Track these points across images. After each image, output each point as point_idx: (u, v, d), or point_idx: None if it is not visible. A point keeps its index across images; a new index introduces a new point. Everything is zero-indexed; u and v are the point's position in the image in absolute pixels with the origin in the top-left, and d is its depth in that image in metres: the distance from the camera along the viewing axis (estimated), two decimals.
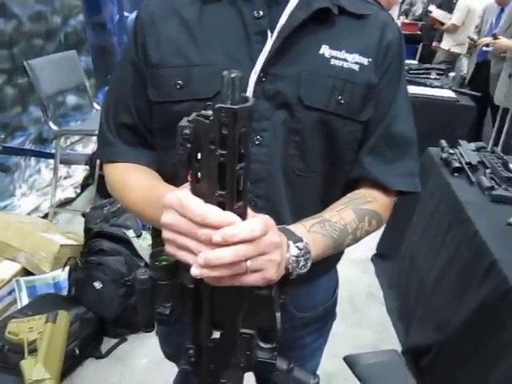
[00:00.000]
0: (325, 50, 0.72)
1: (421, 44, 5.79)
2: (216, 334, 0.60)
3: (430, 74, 4.12)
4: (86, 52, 3.21)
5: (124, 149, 0.80)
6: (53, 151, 2.81)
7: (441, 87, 3.75)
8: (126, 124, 0.80)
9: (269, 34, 0.70)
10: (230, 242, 0.49)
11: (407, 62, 4.50)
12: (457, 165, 2.07)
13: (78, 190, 3.16)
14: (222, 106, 0.46)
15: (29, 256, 2.16)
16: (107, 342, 2.01)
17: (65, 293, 2.06)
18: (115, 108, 0.81)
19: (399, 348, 2.07)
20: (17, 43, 2.58)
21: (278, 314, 0.60)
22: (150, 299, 0.59)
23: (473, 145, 2.30)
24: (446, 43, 4.94)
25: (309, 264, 0.63)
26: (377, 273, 2.62)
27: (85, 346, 1.87)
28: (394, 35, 0.77)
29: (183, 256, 0.52)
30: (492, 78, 3.47)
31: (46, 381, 0.83)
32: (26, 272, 2.19)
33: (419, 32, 6.02)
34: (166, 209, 0.53)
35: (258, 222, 0.51)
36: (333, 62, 0.72)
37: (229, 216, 0.49)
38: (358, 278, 2.57)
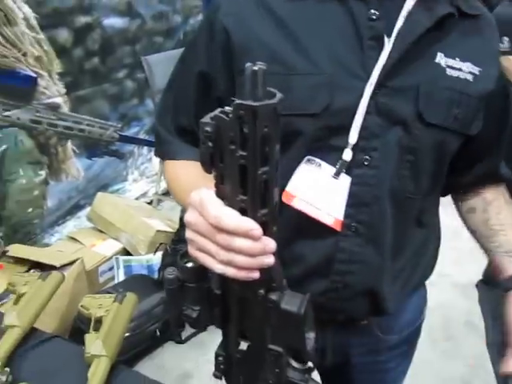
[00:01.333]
0: (440, 59, 0.64)
1: None
2: (244, 346, 0.57)
3: None
4: None
5: (183, 147, 0.77)
6: None
7: None
8: (184, 127, 0.76)
9: (386, 39, 0.62)
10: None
11: None
12: None
13: None
14: (241, 102, 0.41)
15: (129, 237, 2.34)
16: (188, 329, 2.09)
17: (156, 276, 2.19)
18: (174, 110, 0.77)
19: None
20: (139, 40, 2.80)
21: (312, 334, 0.55)
22: (178, 300, 0.58)
23: None
24: None
25: None
26: (480, 300, 2.35)
27: (166, 329, 1.96)
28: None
29: (202, 258, 0.49)
30: None
31: (102, 357, 0.87)
32: (126, 252, 2.37)
33: None
34: (190, 207, 0.50)
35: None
36: (449, 71, 0.65)
37: (246, 222, 0.44)
38: (456, 303, 2.33)
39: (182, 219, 2.31)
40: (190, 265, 0.55)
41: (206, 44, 0.70)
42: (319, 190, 0.66)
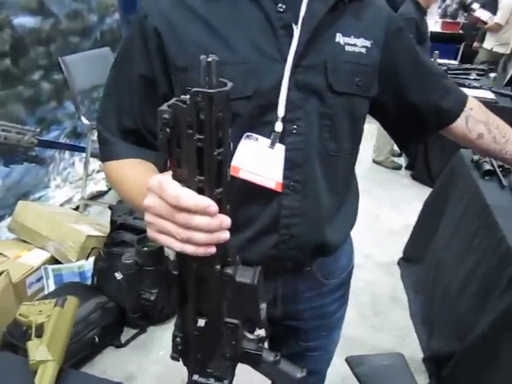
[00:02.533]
0: (339, 38, 0.76)
1: (462, 44, 5.60)
2: (201, 323, 0.60)
3: (469, 74, 3.98)
4: None
5: (128, 148, 0.79)
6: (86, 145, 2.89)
7: (480, 88, 3.62)
8: (129, 128, 0.79)
9: (294, 27, 0.73)
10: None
11: (446, 61, 4.36)
12: (488, 167, 1.99)
13: None
14: (198, 89, 0.46)
15: (57, 245, 2.24)
16: (127, 332, 2.06)
17: (89, 282, 2.13)
18: (117, 113, 0.79)
19: (421, 354, 2.01)
20: (54, 40, 2.68)
21: (264, 305, 0.59)
22: (136, 284, 0.60)
23: None
24: (489, 43, 4.77)
25: None
26: (402, 277, 2.55)
27: (105, 334, 1.92)
28: (389, 14, 0.84)
29: (163, 239, 0.52)
30: None
31: (49, 362, 0.85)
32: (55, 261, 2.27)
33: (461, 31, 5.83)
34: (148, 192, 0.53)
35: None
36: (347, 48, 0.77)
37: (204, 199, 0.49)
38: (381, 281, 2.52)
39: (112, 222, 2.26)
40: (147, 249, 0.57)
41: (140, 49, 0.75)
42: (259, 160, 0.76)
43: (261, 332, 0.62)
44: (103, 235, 2.31)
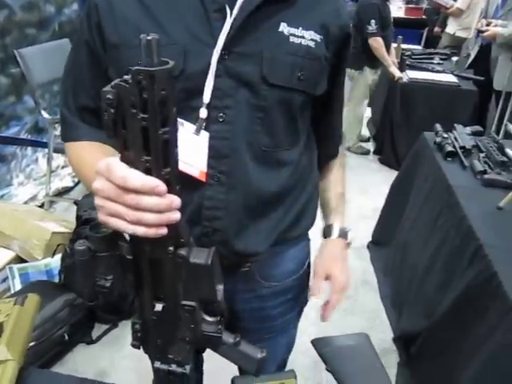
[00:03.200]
0: (284, 28, 0.73)
1: (426, 29, 5.69)
2: (158, 307, 0.59)
3: (433, 58, 4.05)
4: None
5: (87, 130, 0.81)
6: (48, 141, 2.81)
7: (443, 72, 3.69)
8: (87, 107, 0.80)
9: (228, 11, 0.69)
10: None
11: (410, 46, 4.43)
12: (450, 149, 2.04)
13: (76, 179, 3.17)
14: (139, 68, 0.45)
15: (22, 244, 2.18)
16: (98, 328, 2.03)
17: (57, 279, 2.08)
18: (74, 92, 0.80)
19: (391, 335, 2.06)
20: (9, 32, 2.58)
21: (221, 286, 0.59)
22: (90, 271, 0.59)
23: (468, 129, 2.26)
24: (451, 27, 4.84)
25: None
26: (372, 260, 2.60)
27: (75, 331, 1.89)
28: (346, 16, 0.80)
29: (114, 222, 0.51)
30: (493, 62, 3.39)
31: (9, 362, 0.83)
32: (20, 260, 2.21)
33: (424, 17, 5.91)
34: (96, 175, 0.52)
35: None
36: (291, 39, 0.73)
37: (151, 180, 0.48)
38: (352, 265, 2.53)
39: (78, 218, 2.22)
40: (99, 234, 0.56)
41: (87, 22, 0.75)
42: (184, 147, 0.73)
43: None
44: (69, 231, 2.26)
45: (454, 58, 3.99)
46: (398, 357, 1.94)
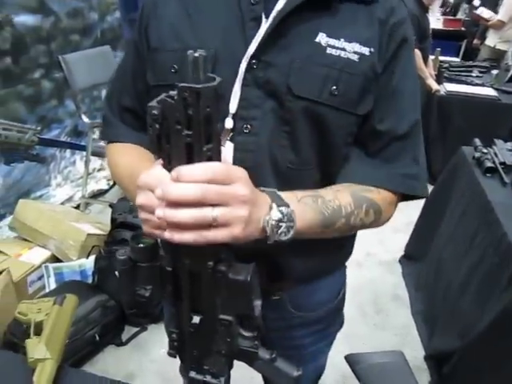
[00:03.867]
0: (321, 38, 0.68)
1: (464, 41, 5.57)
2: (196, 319, 0.60)
3: (471, 71, 3.96)
4: (122, 48, 3.29)
5: (126, 131, 0.82)
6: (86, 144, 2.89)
7: (482, 85, 3.60)
8: (127, 107, 0.82)
9: (263, 19, 0.68)
10: (186, 179, 0.48)
11: (448, 59, 4.35)
12: (489, 165, 1.98)
13: (111, 182, 3.24)
14: (185, 85, 0.45)
15: (58, 243, 2.24)
16: (128, 331, 2.06)
17: (90, 280, 2.12)
18: (119, 91, 0.83)
19: (422, 352, 2.00)
20: (54, 39, 2.68)
21: (258, 302, 0.59)
22: (131, 281, 0.60)
23: (509, 144, 2.19)
24: (492, 40, 4.73)
25: (291, 233, 0.60)
26: (404, 275, 2.54)
27: (106, 332, 1.92)
28: (399, 19, 0.71)
29: (159, 235, 0.52)
30: None
31: (47, 360, 0.85)
32: (56, 259, 2.27)
33: (463, 28, 5.80)
34: (138, 189, 0.53)
35: (219, 166, 0.49)
36: (329, 50, 0.68)
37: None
38: (383, 279, 2.51)
39: (113, 221, 2.26)
40: (141, 245, 0.57)
41: (138, 24, 0.77)
42: None
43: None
44: (104, 233, 2.31)
45: (494, 71, 3.89)
46: (429, 376, 1.89)
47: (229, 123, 0.69)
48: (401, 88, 0.73)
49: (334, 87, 0.68)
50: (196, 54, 0.45)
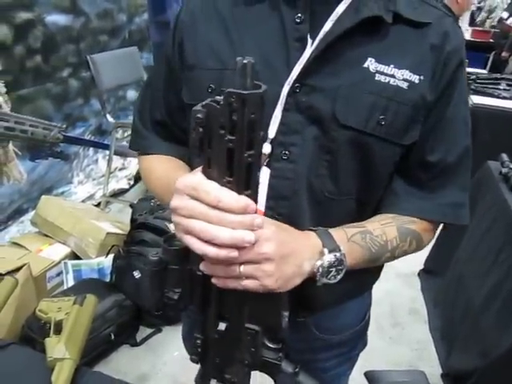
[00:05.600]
0: (370, 64, 0.64)
1: (492, 53, 5.48)
2: (222, 326, 0.59)
3: (499, 84, 3.89)
4: (148, 49, 3.32)
5: (157, 142, 0.81)
6: (110, 143, 2.92)
7: (510, 98, 3.53)
8: (158, 121, 0.81)
9: (309, 41, 0.64)
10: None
11: (475, 70, 4.27)
12: None
13: (132, 182, 3.27)
14: (232, 90, 0.46)
15: (77, 241, 2.26)
16: (143, 331, 2.06)
17: (107, 279, 2.14)
18: (150, 104, 0.81)
19: (439, 370, 1.96)
20: (83, 39, 2.72)
21: (286, 313, 0.58)
22: (160, 282, 0.60)
23: None
24: None
25: (340, 276, 0.61)
26: (422, 289, 2.50)
27: (121, 332, 1.93)
28: (455, 46, 0.67)
29: (188, 240, 0.52)
30: None
31: (66, 360, 0.85)
32: (75, 256, 2.29)
33: (491, 40, 5.70)
34: (175, 192, 0.53)
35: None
36: (378, 77, 0.64)
37: (243, 199, 0.49)
38: (401, 291, 2.47)
39: (133, 221, 2.28)
40: (173, 247, 0.57)
41: (172, 38, 0.75)
42: None
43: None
44: (123, 233, 2.32)
45: None
46: None
47: (267, 148, 0.66)
48: (454, 116, 0.70)
49: (382, 116, 0.65)
50: (245, 61, 0.45)
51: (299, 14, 0.65)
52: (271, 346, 0.61)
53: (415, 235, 0.72)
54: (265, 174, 0.67)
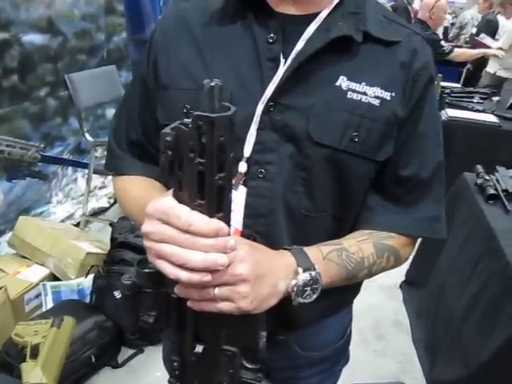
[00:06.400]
0: (342, 82, 0.65)
1: (465, 67, 5.64)
2: (199, 348, 0.59)
3: (473, 97, 4.00)
4: (127, 68, 3.32)
5: (132, 162, 0.80)
6: (89, 162, 2.89)
7: (483, 111, 3.63)
8: (133, 141, 0.79)
9: (282, 60, 0.65)
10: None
11: (449, 84, 4.39)
12: (492, 192, 1.98)
13: (112, 200, 3.23)
14: (200, 113, 0.46)
15: (57, 262, 2.22)
16: (124, 352, 2.02)
17: (88, 300, 2.10)
18: (126, 125, 0.80)
19: (423, 381, 1.96)
20: (61, 58, 2.71)
21: (264, 334, 0.58)
22: (135, 306, 0.59)
23: (511, 171, 2.19)
24: (492, 67, 4.79)
25: (315, 295, 0.61)
26: (405, 300, 2.51)
27: (102, 354, 1.89)
28: (424, 63, 0.69)
29: (161, 264, 0.52)
30: None
31: None
32: (54, 277, 2.25)
33: None
34: (147, 217, 0.52)
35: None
36: (350, 95, 0.65)
37: (214, 222, 0.49)
38: (384, 304, 2.48)
39: (113, 240, 2.25)
40: (146, 270, 0.56)
41: (146, 58, 0.75)
42: None
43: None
44: (103, 252, 2.29)
45: (495, 98, 3.92)
46: None
47: (242, 167, 0.66)
48: (425, 131, 0.71)
49: (355, 133, 0.66)
50: (212, 84, 0.45)
51: (272, 34, 0.66)
52: (249, 366, 0.60)
53: (393, 251, 0.72)
54: (241, 193, 0.67)
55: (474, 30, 5.19)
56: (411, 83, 0.68)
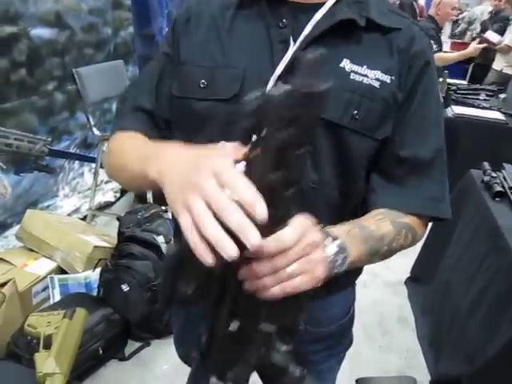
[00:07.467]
0: (345, 64, 0.72)
1: (471, 64, 5.62)
2: (234, 326, 0.54)
3: (479, 94, 3.98)
4: (134, 62, 3.33)
5: (133, 120, 0.80)
6: (96, 156, 2.90)
7: (489, 108, 3.62)
8: (144, 108, 0.81)
9: (292, 43, 0.71)
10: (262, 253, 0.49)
11: (455, 81, 4.37)
12: (499, 189, 1.98)
13: (118, 195, 3.25)
14: (290, 86, 0.45)
15: (64, 255, 2.24)
16: (131, 345, 2.04)
17: (95, 293, 2.12)
18: (136, 91, 0.84)
19: (427, 377, 1.97)
20: (68, 52, 2.72)
21: (304, 314, 0.56)
22: (176, 273, 0.54)
23: None
24: (499, 64, 4.77)
25: (346, 264, 0.62)
26: (409, 297, 2.52)
27: (109, 347, 1.91)
28: (420, 48, 0.74)
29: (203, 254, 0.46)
30: None
31: (56, 375, 0.84)
32: (61, 270, 2.26)
33: None
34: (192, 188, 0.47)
35: (291, 232, 0.50)
36: (352, 76, 0.71)
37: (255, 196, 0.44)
38: (389, 300, 2.49)
39: (120, 234, 2.26)
40: None
41: (171, 36, 0.80)
42: None
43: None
44: (110, 246, 2.30)
45: (501, 95, 3.91)
46: None
47: (253, 139, 0.69)
48: (422, 113, 0.76)
49: (356, 112, 0.71)
50: (310, 56, 0.45)
51: (284, 20, 0.72)
52: (282, 348, 0.58)
53: (409, 228, 0.75)
54: None
55: (479, 29, 5.14)
56: (407, 68, 0.73)
